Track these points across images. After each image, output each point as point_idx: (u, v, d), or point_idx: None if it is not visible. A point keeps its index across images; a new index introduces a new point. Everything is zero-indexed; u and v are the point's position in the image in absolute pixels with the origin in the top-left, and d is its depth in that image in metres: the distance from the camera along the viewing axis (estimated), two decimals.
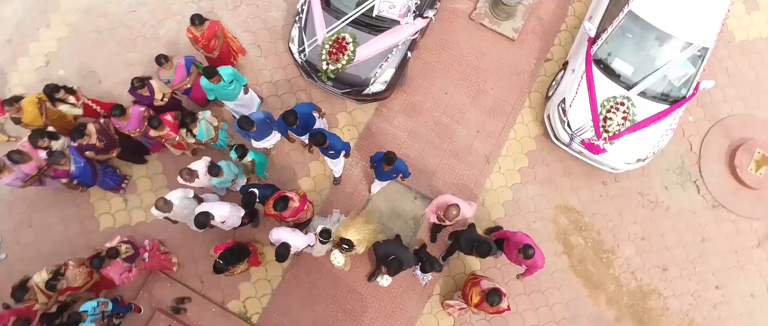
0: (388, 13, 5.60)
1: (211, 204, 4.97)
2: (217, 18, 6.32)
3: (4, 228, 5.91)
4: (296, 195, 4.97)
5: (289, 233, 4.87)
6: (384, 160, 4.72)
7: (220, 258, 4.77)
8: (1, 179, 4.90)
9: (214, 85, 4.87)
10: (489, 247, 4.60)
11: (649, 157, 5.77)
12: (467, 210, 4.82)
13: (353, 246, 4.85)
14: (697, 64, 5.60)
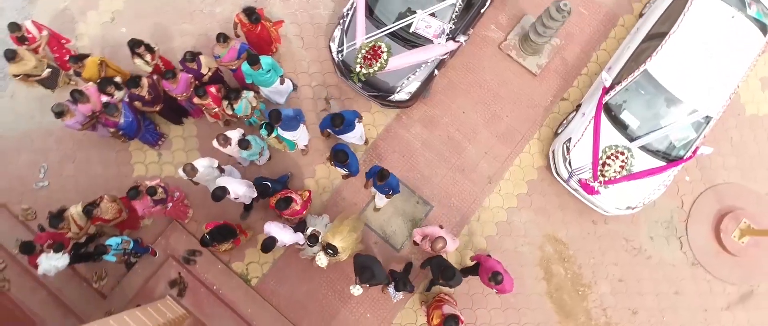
0: (423, 32, 6.13)
1: (229, 180, 5.54)
2: (270, 6, 6.94)
3: (51, 159, 6.63)
4: (300, 198, 5.55)
5: (279, 229, 5.41)
6: (378, 175, 5.25)
7: (208, 234, 5.38)
8: (64, 121, 5.59)
9: (253, 71, 5.47)
10: (452, 273, 5.15)
11: (639, 207, 6.20)
12: (451, 245, 5.37)
13: (338, 253, 5.34)
14: (699, 130, 6.01)
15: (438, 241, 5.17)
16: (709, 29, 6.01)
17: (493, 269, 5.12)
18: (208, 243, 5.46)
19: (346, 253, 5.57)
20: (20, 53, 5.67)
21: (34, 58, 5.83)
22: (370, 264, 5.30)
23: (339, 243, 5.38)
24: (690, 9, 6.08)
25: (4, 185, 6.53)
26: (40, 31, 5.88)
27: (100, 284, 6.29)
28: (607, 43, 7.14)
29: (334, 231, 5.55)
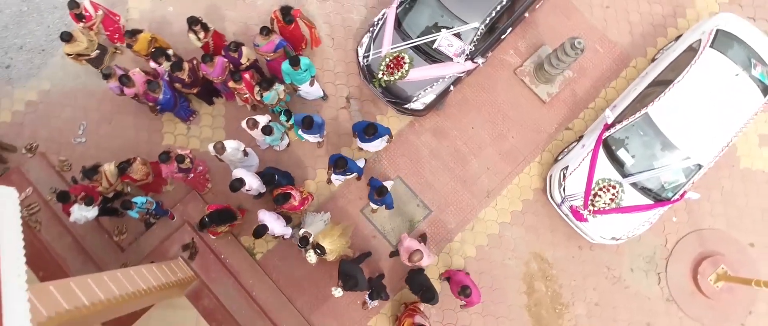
0: (445, 50, 6.62)
1: (245, 172, 6.06)
2: (307, 5, 7.48)
3: (90, 118, 7.25)
4: (300, 195, 6.05)
5: (273, 220, 5.94)
6: (377, 191, 5.82)
7: (207, 216, 5.90)
8: (109, 83, 6.19)
9: (293, 71, 6.01)
10: (432, 296, 5.65)
11: (623, 239, 6.64)
12: (426, 259, 5.87)
13: (325, 253, 5.82)
14: (689, 176, 6.42)
15: (415, 254, 5.69)
16: (712, 83, 6.40)
17: (462, 283, 5.64)
18: (206, 225, 5.97)
19: (334, 255, 6.02)
20: (74, 35, 6.29)
21: (86, 40, 6.45)
22: (354, 273, 5.77)
23: (327, 245, 5.85)
24: (697, 62, 6.48)
25: (46, 136, 7.17)
26: (96, 10, 6.48)
27: (120, 238, 6.92)
28: (617, 81, 7.57)
29: (325, 233, 6.01)
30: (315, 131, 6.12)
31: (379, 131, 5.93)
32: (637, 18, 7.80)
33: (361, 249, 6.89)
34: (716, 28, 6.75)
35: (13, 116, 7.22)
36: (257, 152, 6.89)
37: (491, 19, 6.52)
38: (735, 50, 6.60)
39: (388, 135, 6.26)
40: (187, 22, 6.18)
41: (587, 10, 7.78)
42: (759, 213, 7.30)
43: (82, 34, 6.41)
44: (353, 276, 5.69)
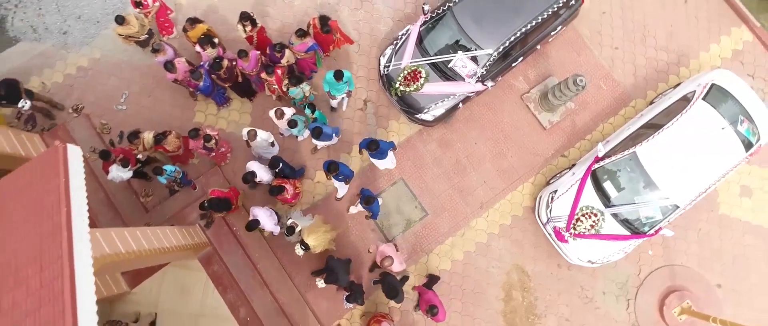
0: (459, 70, 7.29)
1: (258, 166, 6.81)
2: (340, 12, 8.19)
3: (132, 89, 8.04)
4: (293, 190, 6.75)
5: (266, 217, 6.61)
6: (365, 200, 6.50)
7: (208, 201, 6.57)
8: (156, 57, 6.98)
9: (334, 81, 6.70)
10: (395, 295, 6.28)
11: (598, 263, 7.27)
12: (397, 265, 6.55)
13: (309, 249, 6.45)
14: (665, 214, 7.02)
15: (387, 259, 6.39)
16: (699, 133, 6.98)
17: (430, 302, 6.32)
18: (205, 209, 6.70)
19: (319, 248, 6.63)
20: (128, 19, 7.06)
21: (138, 24, 7.21)
22: (337, 270, 6.44)
23: (312, 242, 6.47)
24: (688, 111, 7.07)
25: (91, 100, 7.98)
26: (154, 2, 7.26)
27: (146, 200, 7.71)
28: (615, 118, 8.17)
29: (310, 230, 6.58)
30: (324, 140, 6.82)
31: (381, 147, 6.51)
32: (643, 62, 8.39)
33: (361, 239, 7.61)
34: (712, 82, 7.33)
35: (65, 78, 8.04)
36: (278, 141, 7.64)
37: (504, 48, 7.18)
38: (726, 105, 7.16)
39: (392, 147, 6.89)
40: (240, 16, 6.91)
41: (597, 49, 8.39)
42: (730, 258, 7.88)
43: (135, 19, 7.18)
44: (336, 272, 6.39)
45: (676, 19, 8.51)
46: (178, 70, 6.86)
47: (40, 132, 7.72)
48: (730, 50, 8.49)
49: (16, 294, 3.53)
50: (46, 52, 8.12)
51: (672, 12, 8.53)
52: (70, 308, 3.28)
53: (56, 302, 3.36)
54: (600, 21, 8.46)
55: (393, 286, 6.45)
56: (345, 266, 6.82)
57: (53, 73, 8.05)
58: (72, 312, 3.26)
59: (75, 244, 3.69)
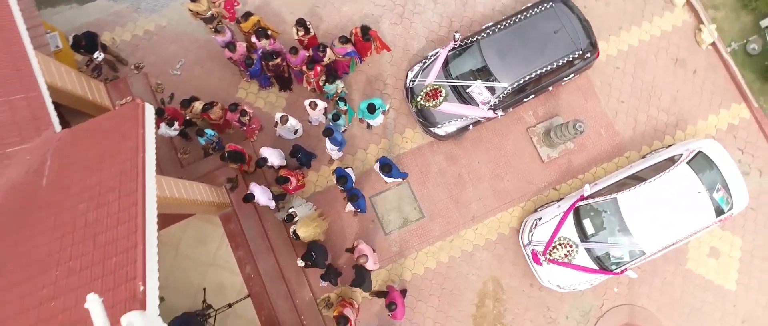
0: (475, 96, 8.30)
1: (270, 152, 7.92)
2: (382, 24, 9.26)
3: (188, 58, 9.19)
4: (296, 181, 7.82)
5: (260, 193, 7.67)
6: (350, 197, 7.58)
7: (227, 153, 7.69)
8: (216, 37, 8.13)
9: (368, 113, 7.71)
10: (361, 283, 7.28)
11: (565, 289, 8.22)
12: (371, 264, 7.53)
13: (299, 238, 7.57)
14: (633, 258, 7.94)
15: (362, 257, 7.39)
16: (677, 192, 7.87)
17: (392, 300, 7.30)
18: (225, 159, 7.85)
19: (308, 238, 7.71)
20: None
21: (207, 4, 8.33)
22: (317, 254, 7.45)
23: (302, 233, 7.58)
24: (671, 171, 7.97)
25: (152, 61, 9.16)
26: None
27: (184, 157, 8.90)
28: (607, 165, 9.11)
29: (303, 223, 7.65)
30: (332, 143, 7.86)
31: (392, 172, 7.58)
32: (644, 119, 9.30)
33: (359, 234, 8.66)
34: (699, 149, 8.22)
35: (132, 38, 9.25)
36: (305, 127, 8.76)
37: (519, 84, 8.17)
38: (707, 173, 8.04)
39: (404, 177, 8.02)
40: (296, 22, 8.00)
41: (604, 99, 9.32)
42: (687, 310, 8.78)
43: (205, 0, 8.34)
44: (315, 257, 7.42)
45: (683, 86, 9.38)
46: (238, 52, 8.00)
47: (104, 81, 8.94)
48: (727, 123, 9.33)
49: (99, 212, 4.68)
50: (120, 12, 9.34)
51: (680, 79, 9.41)
52: (141, 228, 4.41)
53: (130, 222, 4.49)
54: (612, 74, 9.38)
55: (362, 276, 7.45)
56: (325, 252, 7.83)
57: (123, 31, 9.27)
58: (142, 231, 4.38)
59: (146, 182, 4.83)
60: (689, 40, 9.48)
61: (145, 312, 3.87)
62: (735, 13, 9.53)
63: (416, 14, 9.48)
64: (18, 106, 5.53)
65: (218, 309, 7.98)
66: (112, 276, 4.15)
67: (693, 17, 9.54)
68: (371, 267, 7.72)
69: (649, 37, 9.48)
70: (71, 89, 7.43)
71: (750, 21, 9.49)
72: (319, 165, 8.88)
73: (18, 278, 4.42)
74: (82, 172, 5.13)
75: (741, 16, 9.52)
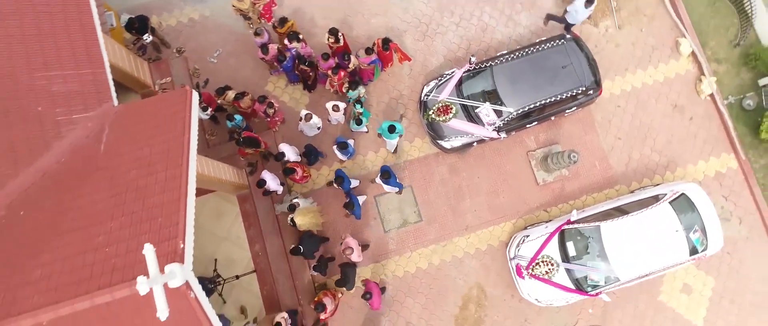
0: (482, 116, 9.16)
1: (287, 147, 8.88)
2: (405, 38, 10.16)
3: (226, 49, 10.14)
4: (302, 173, 8.76)
5: (271, 179, 8.65)
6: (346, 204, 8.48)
7: (242, 138, 8.62)
8: (255, 39, 9.08)
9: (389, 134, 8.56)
10: (344, 283, 8.13)
11: (542, 304, 9.06)
12: (355, 256, 8.39)
13: (296, 226, 8.50)
14: (607, 283, 8.76)
15: (348, 249, 8.26)
16: (656, 228, 8.67)
17: (368, 290, 8.20)
18: (240, 144, 8.77)
19: (304, 228, 8.65)
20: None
21: (249, 3, 9.31)
22: (306, 245, 8.34)
23: (299, 221, 8.51)
24: (654, 208, 8.76)
25: (192, 47, 10.14)
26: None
27: (211, 138, 9.86)
28: (597, 195, 9.92)
29: (300, 212, 8.58)
30: (341, 148, 8.81)
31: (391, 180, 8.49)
32: (638, 156, 10.10)
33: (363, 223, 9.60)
34: (683, 192, 9.00)
35: (177, 24, 10.25)
36: (324, 124, 9.68)
37: (524, 111, 9.02)
38: (687, 214, 8.82)
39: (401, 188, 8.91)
40: (328, 31, 8.92)
41: (603, 133, 10.13)
42: None
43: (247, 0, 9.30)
44: (301, 244, 8.35)
45: (678, 131, 10.16)
46: (270, 53, 8.95)
47: (147, 60, 9.94)
48: (715, 171, 10.10)
49: (148, 179, 5.63)
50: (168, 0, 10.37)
51: (677, 124, 10.19)
52: (184, 197, 5.35)
53: (174, 192, 5.43)
54: (613, 112, 10.19)
55: (346, 276, 8.33)
56: (314, 243, 8.74)
57: (170, 17, 10.27)
58: (184, 200, 5.32)
59: (189, 159, 5.77)
60: (690, 89, 10.26)
61: (183, 265, 4.80)
62: (736, 69, 10.29)
63: (438, 34, 10.37)
64: (85, 79, 6.52)
65: (226, 279, 8.93)
66: (157, 233, 5.09)
67: (696, 68, 10.31)
68: (355, 260, 8.62)
69: (653, 81, 10.28)
70: (122, 66, 8.43)
71: (749, 78, 10.24)
72: (320, 165, 9.80)
73: (78, 225, 5.39)
74: (135, 144, 6.10)
75: (741, 73, 10.28)
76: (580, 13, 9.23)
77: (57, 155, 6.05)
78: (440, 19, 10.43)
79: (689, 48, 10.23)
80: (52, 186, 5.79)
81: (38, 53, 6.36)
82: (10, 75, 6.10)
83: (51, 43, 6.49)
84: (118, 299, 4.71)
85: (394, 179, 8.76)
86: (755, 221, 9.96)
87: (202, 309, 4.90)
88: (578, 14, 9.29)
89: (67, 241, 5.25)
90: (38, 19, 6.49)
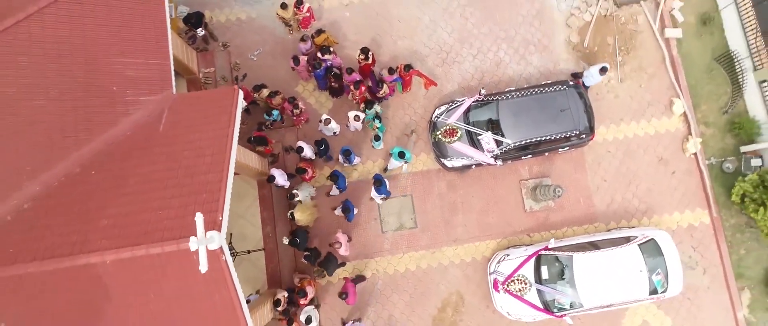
0: (483, 144, 10.47)
1: (306, 145, 10.24)
2: (424, 62, 11.49)
3: (265, 49, 11.60)
4: (311, 172, 10.20)
5: (279, 175, 10.04)
6: (343, 208, 9.81)
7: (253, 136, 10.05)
8: (300, 44, 10.49)
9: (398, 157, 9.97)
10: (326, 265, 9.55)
11: (513, 317, 10.35)
12: (343, 250, 9.80)
13: (294, 220, 9.90)
14: (572, 307, 10.01)
15: (337, 243, 9.69)
16: (622, 265, 9.92)
17: (344, 290, 9.59)
18: (250, 141, 10.20)
19: (302, 222, 10.05)
20: (288, 6, 10.57)
21: (291, 13, 10.72)
22: (302, 238, 9.73)
23: (298, 216, 9.93)
24: (623, 248, 10.01)
25: (236, 43, 11.61)
26: (304, 10, 10.75)
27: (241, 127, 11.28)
28: (577, 228, 11.18)
29: (301, 209, 10.00)
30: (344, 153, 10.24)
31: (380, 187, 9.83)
32: (619, 199, 11.32)
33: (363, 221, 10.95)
34: (652, 237, 10.22)
35: (226, 21, 11.71)
36: (342, 130, 11.06)
37: (521, 145, 10.31)
38: (652, 258, 10.06)
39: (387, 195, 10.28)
40: (360, 50, 10.31)
41: (591, 174, 11.37)
42: None
43: (290, 11, 10.71)
44: (297, 238, 9.74)
45: (660, 182, 11.37)
46: (300, 65, 10.35)
47: (195, 49, 11.39)
48: (688, 223, 11.29)
49: (197, 160, 7.04)
50: None
51: (660, 176, 11.40)
52: (225, 179, 6.75)
53: (217, 173, 6.84)
54: (603, 156, 11.43)
55: (329, 261, 9.77)
56: (306, 238, 10.12)
57: (221, 14, 11.74)
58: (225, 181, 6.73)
59: (232, 148, 7.17)
60: (676, 146, 11.46)
61: (220, 233, 6.19)
62: (721, 133, 11.46)
63: (456, 62, 11.69)
64: (153, 67, 7.97)
65: (238, 252, 10.34)
66: (202, 206, 6.50)
67: (685, 127, 11.52)
68: (343, 253, 10.01)
69: (644, 133, 11.50)
70: (177, 54, 9.90)
71: (732, 144, 11.42)
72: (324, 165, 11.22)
73: (138, 189, 6.82)
74: (188, 129, 7.53)
75: (726, 138, 11.45)
76: (594, 77, 10.74)
77: (124, 129, 7.51)
78: (460, 49, 11.75)
79: (682, 108, 11.42)
80: (118, 154, 7.23)
81: (118, 42, 7.81)
82: (95, 58, 7.56)
83: (128, 34, 7.95)
84: (166, 252, 6.12)
85: (385, 188, 10.11)
86: (718, 273, 11.13)
87: (229, 269, 6.29)
88: (592, 78, 10.79)
89: (129, 201, 6.68)
90: (122, 12, 7.94)
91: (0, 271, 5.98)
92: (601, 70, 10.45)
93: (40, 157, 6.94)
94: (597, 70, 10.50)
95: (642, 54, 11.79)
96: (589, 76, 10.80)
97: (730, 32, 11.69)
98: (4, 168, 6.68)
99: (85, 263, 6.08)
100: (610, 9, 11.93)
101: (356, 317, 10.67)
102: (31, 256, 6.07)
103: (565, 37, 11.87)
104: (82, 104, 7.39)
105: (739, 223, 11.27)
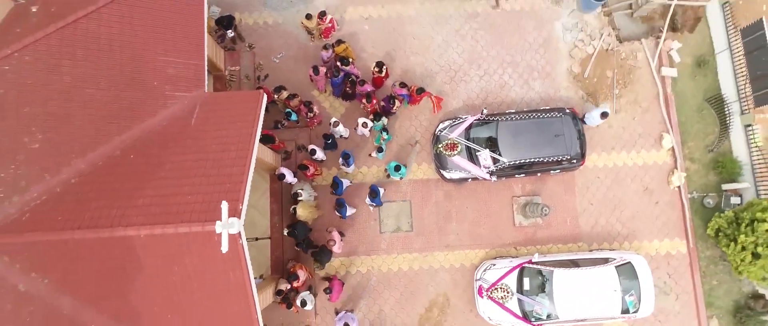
0: (481, 160, 11.50)
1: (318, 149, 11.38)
2: (433, 78, 12.53)
3: (288, 53, 12.70)
4: (313, 169, 11.31)
5: (288, 173, 11.16)
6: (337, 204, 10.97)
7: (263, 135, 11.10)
8: (322, 52, 11.58)
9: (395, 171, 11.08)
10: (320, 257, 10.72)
11: (493, 322, 11.37)
12: (337, 247, 10.96)
13: (296, 215, 11.01)
14: (549, 318, 11.01)
15: (331, 241, 10.82)
16: (599, 283, 10.91)
17: (330, 286, 10.75)
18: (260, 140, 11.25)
19: (303, 218, 11.21)
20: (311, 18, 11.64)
21: (315, 24, 11.81)
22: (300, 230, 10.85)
23: (300, 212, 11.09)
24: (601, 268, 11.01)
25: (261, 45, 12.72)
26: (329, 22, 11.83)
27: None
28: (562, 246, 12.18)
29: (303, 206, 11.16)
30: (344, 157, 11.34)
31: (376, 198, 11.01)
32: (604, 223, 12.30)
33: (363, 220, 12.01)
34: (629, 261, 11.20)
35: (253, 24, 12.83)
36: (351, 133, 12.13)
37: (515, 164, 11.32)
38: (628, 280, 11.05)
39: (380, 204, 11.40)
40: (375, 63, 11.36)
41: (580, 197, 12.36)
42: None
43: (313, 21, 11.78)
44: (296, 230, 10.87)
45: (643, 210, 12.34)
46: (319, 74, 11.43)
47: (223, 48, 12.50)
48: (666, 250, 12.26)
49: (223, 154, 8.14)
50: (250, 2, 12.90)
51: (644, 204, 12.37)
52: (246, 173, 7.84)
53: (240, 167, 7.93)
54: (593, 181, 12.41)
55: (322, 253, 10.92)
56: (305, 230, 11.24)
57: (249, 17, 12.86)
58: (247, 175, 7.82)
59: (254, 146, 8.25)
60: (662, 177, 12.42)
61: (239, 220, 7.26)
62: (705, 170, 12.41)
63: (463, 81, 12.72)
64: (190, 67, 9.10)
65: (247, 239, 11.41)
66: (225, 194, 7.59)
67: (672, 161, 12.48)
68: (336, 250, 11.13)
69: (632, 163, 12.47)
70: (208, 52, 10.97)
71: (714, 181, 12.36)
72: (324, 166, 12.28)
73: (171, 174, 7.93)
74: (217, 125, 8.63)
75: (709, 175, 12.39)
76: (595, 120, 11.91)
77: (161, 120, 8.62)
78: (468, 69, 12.78)
79: (670, 143, 12.38)
80: (155, 142, 8.34)
81: (162, 42, 8.93)
82: (141, 55, 8.69)
83: (171, 35, 9.07)
84: (193, 232, 7.22)
85: (378, 199, 11.17)
86: (689, 301, 12.09)
87: (244, 252, 7.37)
88: (593, 121, 11.98)
89: (163, 184, 7.78)
90: (165, 15, 9.05)
91: (50, 235, 7.10)
92: (602, 114, 11.53)
93: (87, 139, 8.06)
94: (598, 114, 11.56)
95: (638, 89, 12.75)
96: (590, 118, 11.90)
97: (722, 76, 12.63)
98: (57, 145, 7.82)
99: (123, 235, 7.17)
100: (613, 44, 12.90)
101: (349, 308, 11.74)
102: (77, 225, 7.18)
103: (568, 66, 12.85)
104: (126, 95, 8.51)
105: (714, 256, 12.21)
